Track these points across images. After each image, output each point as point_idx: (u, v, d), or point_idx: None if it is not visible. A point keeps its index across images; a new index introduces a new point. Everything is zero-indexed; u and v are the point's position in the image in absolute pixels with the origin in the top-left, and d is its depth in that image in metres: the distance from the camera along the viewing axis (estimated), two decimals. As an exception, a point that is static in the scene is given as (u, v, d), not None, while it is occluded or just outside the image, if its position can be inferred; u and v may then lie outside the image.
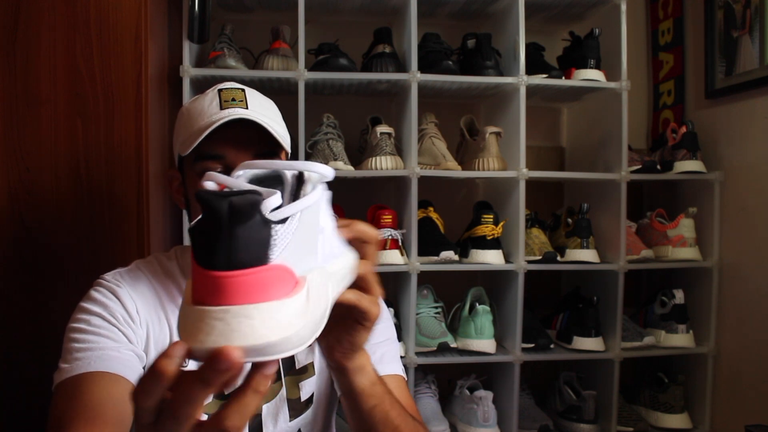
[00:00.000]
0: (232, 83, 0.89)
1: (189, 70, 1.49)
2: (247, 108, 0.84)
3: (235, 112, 0.82)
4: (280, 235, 0.39)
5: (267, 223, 0.38)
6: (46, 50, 1.23)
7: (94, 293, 0.85)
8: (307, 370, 0.91)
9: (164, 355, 0.38)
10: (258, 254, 0.37)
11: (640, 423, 1.70)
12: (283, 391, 0.89)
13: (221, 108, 0.83)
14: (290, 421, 0.88)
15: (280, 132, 0.85)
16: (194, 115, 0.85)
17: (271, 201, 0.39)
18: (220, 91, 0.86)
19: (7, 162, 1.23)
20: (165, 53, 1.45)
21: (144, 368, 0.83)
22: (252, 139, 0.83)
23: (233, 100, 0.84)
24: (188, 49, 1.51)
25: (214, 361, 0.36)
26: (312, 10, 1.62)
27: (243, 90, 0.87)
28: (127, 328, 0.81)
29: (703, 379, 1.75)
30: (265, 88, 1.69)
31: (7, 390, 1.23)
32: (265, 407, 0.87)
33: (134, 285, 0.86)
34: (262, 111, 0.85)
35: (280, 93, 1.74)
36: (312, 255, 0.41)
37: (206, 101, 0.86)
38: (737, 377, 1.69)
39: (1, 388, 1.24)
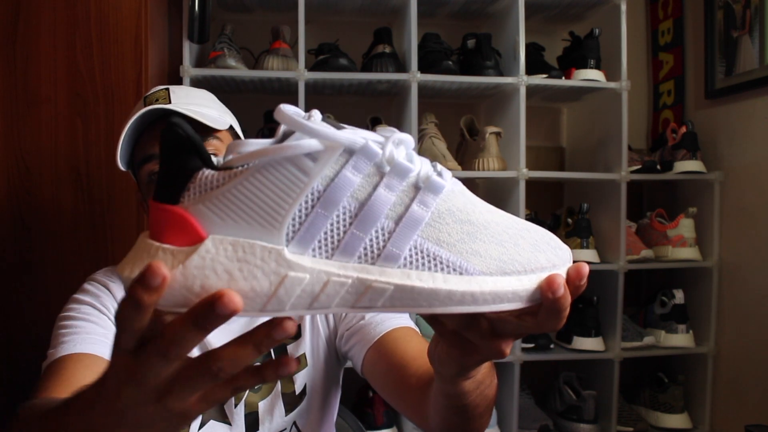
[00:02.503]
0: (158, 87, 0.89)
1: (189, 70, 1.49)
2: (169, 103, 0.83)
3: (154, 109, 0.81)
4: (201, 181, 0.35)
5: (191, 164, 0.35)
6: (46, 50, 1.23)
7: (86, 286, 0.87)
8: (299, 362, 0.91)
9: (139, 283, 0.34)
10: (172, 193, 0.35)
11: (640, 423, 1.70)
12: (278, 386, 0.89)
13: None
14: (286, 415, 0.88)
15: (211, 114, 0.84)
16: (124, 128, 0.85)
17: (240, 145, 0.36)
18: (145, 97, 0.86)
19: (7, 162, 1.23)
20: (165, 53, 1.45)
21: None
22: None
23: (156, 100, 0.84)
24: (188, 49, 1.51)
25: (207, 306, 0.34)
26: (312, 10, 1.62)
27: (167, 89, 0.87)
28: None
29: (703, 379, 1.75)
30: (265, 88, 1.69)
31: (7, 390, 1.23)
32: (261, 404, 0.87)
33: None
34: (187, 101, 0.85)
35: (280, 93, 1.75)
36: (264, 227, 0.34)
37: (134, 110, 0.85)
38: (737, 377, 1.68)
39: (1, 387, 1.24)
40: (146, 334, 0.36)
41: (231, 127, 0.89)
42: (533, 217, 1.75)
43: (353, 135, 0.35)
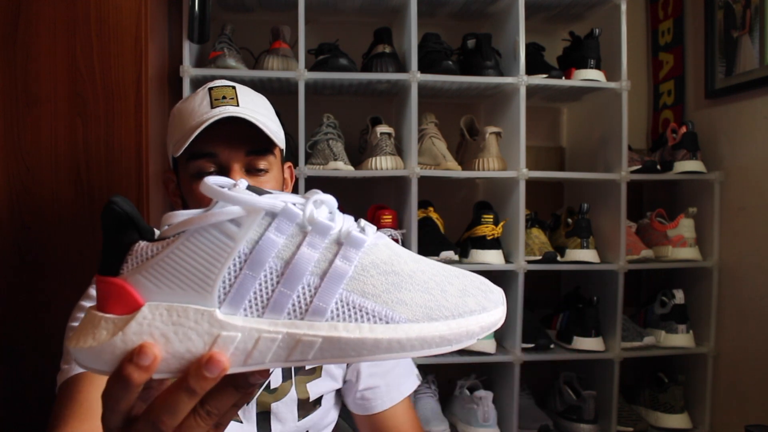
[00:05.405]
0: (223, 81, 0.88)
1: (189, 70, 1.49)
2: (237, 105, 0.83)
3: (226, 110, 0.81)
4: (138, 253, 0.37)
5: (129, 237, 0.38)
6: (46, 50, 1.23)
7: (92, 292, 0.84)
8: (314, 371, 0.91)
9: (131, 361, 0.36)
10: (113, 266, 0.38)
11: (640, 423, 1.70)
12: (293, 391, 0.89)
13: (212, 107, 0.82)
14: (299, 420, 0.89)
15: (273, 128, 0.84)
16: (185, 115, 0.84)
17: (173, 217, 0.39)
18: (210, 89, 0.85)
19: (7, 162, 1.23)
20: (165, 53, 1.45)
21: None
22: (244, 137, 0.82)
23: (224, 98, 0.83)
24: (188, 49, 1.51)
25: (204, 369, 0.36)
26: (312, 10, 1.62)
27: (234, 87, 0.86)
28: None
29: (703, 379, 1.75)
30: (265, 88, 1.69)
31: (7, 389, 1.24)
32: (274, 405, 0.88)
33: None
34: (254, 108, 0.85)
35: (280, 93, 1.74)
36: (197, 291, 0.37)
37: (197, 100, 0.85)
38: (737, 377, 1.68)
39: (0, 387, 1.24)
40: (131, 413, 0.38)
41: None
42: (533, 217, 1.75)
43: (273, 199, 0.38)
